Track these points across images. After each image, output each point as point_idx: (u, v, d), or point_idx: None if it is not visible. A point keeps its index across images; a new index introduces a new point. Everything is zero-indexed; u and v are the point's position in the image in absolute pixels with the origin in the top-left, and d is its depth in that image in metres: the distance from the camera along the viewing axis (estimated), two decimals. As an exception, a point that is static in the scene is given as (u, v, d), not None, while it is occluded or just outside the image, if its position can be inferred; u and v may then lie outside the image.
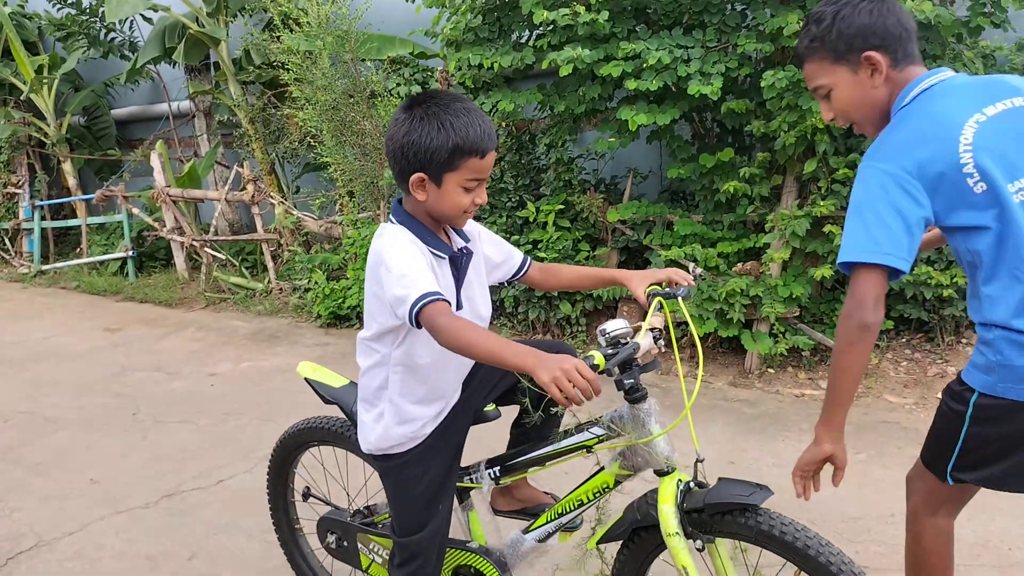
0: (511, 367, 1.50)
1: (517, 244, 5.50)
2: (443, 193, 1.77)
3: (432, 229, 1.85)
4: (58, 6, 9.18)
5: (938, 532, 1.95)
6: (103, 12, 8.68)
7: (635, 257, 5.57)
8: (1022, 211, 1.63)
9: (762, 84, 4.24)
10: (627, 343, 1.73)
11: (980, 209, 1.65)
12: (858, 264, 1.66)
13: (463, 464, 2.13)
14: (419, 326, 1.64)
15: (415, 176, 1.76)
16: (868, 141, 2.08)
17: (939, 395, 1.98)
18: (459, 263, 1.90)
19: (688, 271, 2.02)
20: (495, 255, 2.09)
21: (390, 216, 1.88)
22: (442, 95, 1.77)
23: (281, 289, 7.25)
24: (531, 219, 5.54)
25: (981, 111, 1.68)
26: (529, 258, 2.17)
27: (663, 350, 1.80)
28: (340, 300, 6.34)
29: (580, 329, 5.44)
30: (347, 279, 6.41)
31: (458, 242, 1.92)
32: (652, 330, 1.80)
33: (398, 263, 1.70)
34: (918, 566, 2.00)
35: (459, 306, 1.90)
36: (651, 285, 1.99)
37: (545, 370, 1.44)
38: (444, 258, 1.86)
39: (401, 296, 1.65)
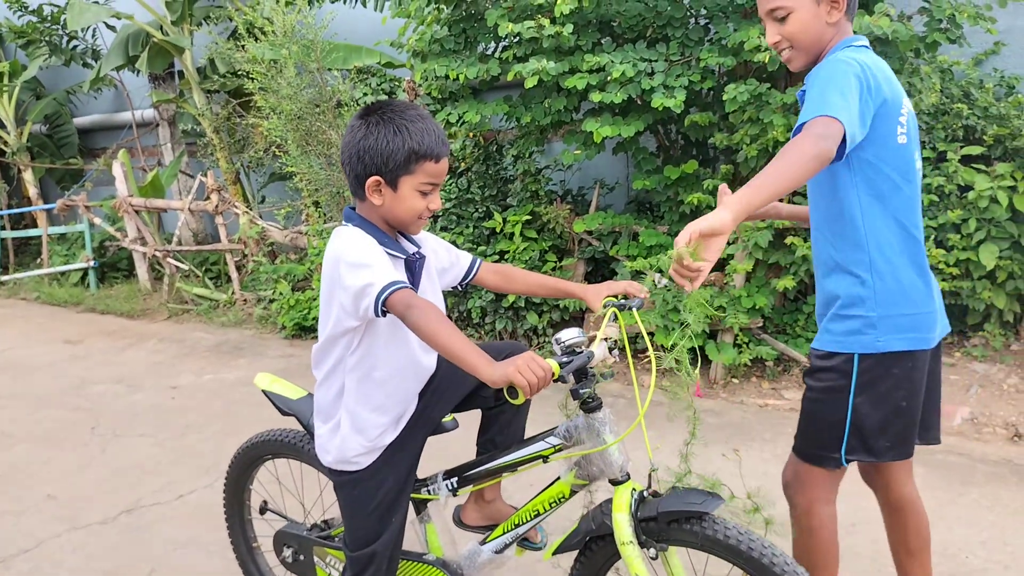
0: (467, 367, 1.54)
1: (484, 255, 5.50)
2: (399, 197, 1.80)
3: (387, 233, 1.87)
4: (19, 13, 9.04)
5: (831, 518, 2.02)
6: (65, 19, 8.57)
7: (601, 268, 5.59)
8: (918, 177, 1.89)
9: (724, 97, 4.30)
10: (582, 351, 1.74)
11: (895, 155, 1.82)
12: (827, 116, 1.65)
13: (421, 475, 2.12)
14: (383, 314, 1.66)
15: (371, 180, 1.79)
16: None
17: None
18: (414, 267, 1.91)
19: (654, 282, 2.03)
20: (444, 259, 2.11)
21: (343, 221, 1.88)
22: (396, 103, 1.82)
23: (245, 300, 7.17)
24: (498, 230, 5.54)
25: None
26: (479, 260, 2.19)
27: (617, 360, 1.81)
28: (305, 311, 6.28)
29: (547, 340, 5.44)
30: (312, 290, 6.35)
31: (410, 247, 1.94)
32: (606, 340, 1.82)
33: (359, 256, 1.72)
34: (819, 554, 2.02)
35: None
36: (607, 297, 2.01)
37: (501, 371, 1.49)
38: (400, 259, 1.88)
39: (365, 285, 1.66)
